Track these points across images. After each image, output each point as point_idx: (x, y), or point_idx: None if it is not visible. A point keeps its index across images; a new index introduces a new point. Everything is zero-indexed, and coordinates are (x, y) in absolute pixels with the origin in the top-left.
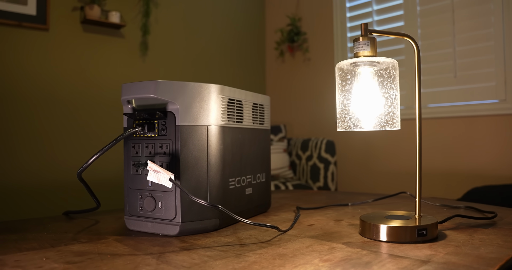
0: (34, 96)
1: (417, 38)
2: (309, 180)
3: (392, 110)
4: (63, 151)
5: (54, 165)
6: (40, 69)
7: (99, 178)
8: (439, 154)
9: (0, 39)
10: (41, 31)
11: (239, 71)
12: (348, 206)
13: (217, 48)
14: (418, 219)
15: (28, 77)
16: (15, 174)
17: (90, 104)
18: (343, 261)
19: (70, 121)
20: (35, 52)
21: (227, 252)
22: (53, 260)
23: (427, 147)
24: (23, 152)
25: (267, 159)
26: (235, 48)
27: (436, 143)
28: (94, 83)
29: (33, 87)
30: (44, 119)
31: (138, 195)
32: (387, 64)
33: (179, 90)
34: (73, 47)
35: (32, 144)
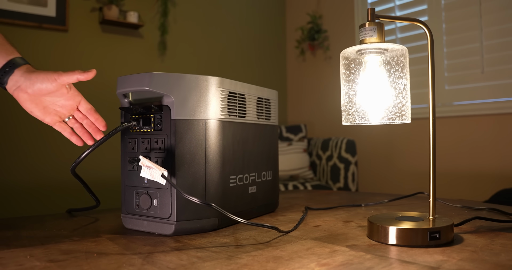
0: None
1: (442, 33)
2: (329, 180)
3: (401, 101)
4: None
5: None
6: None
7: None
8: (466, 154)
9: (21, 40)
10: (60, 32)
11: (260, 70)
12: (361, 206)
13: (237, 47)
14: (431, 221)
15: None
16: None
17: (109, 105)
18: (342, 266)
19: None
20: (54, 53)
21: (220, 253)
22: (37, 258)
23: (453, 147)
24: (39, 154)
25: (274, 156)
26: (256, 47)
27: (463, 142)
28: (113, 84)
29: None
30: None
31: (135, 192)
32: (396, 51)
33: (175, 83)
34: (92, 47)
35: (50, 145)
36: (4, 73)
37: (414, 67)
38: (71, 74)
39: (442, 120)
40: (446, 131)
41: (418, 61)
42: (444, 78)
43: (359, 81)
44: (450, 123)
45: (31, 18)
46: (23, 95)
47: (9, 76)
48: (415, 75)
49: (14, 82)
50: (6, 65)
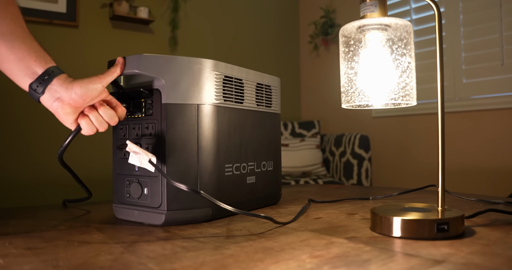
0: None
1: (459, 24)
2: (342, 177)
3: (405, 80)
4: (94, 148)
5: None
6: (70, 65)
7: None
8: (485, 149)
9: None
10: (71, 28)
11: (273, 66)
12: (368, 200)
13: (249, 42)
14: (439, 212)
15: None
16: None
17: None
18: (336, 258)
19: None
20: (65, 48)
21: (207, 243)
22: (15, 246)
23: (471, 142)
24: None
25: (276, 146)
26: (268, 43)
27: (481, 137)
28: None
29: None
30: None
31: (126, 181)
32: (399, 27)
33: (165, 65)
34: (103, 43)
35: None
36: (42, 82)
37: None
38: (111, 73)
39: (459, 115)
40: (463, 126)
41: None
42: (461, 71)
43: (359, 59)
44: (468, 117)
45: (41, 14)
46: (64, 107)
47: (47, 85)
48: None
49: (52, 93)
50: (44, 73)
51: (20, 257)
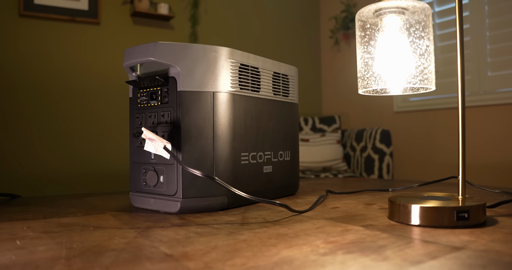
0: (86, 88)
1: (484, 15)
2: (363, 172)
3: (423, 64)
4: (118, 142)
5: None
6: (92, 62)
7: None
8: (509, 144)
9: (55, 33)
10: (93, 25)
11: (293, 61)
12: (388, 191)
13: (269, 38)
14: (460, 200)
15: (80, 69)
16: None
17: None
18: (351, 244)
19: (122, 112)
20: (87, 45)
21: (221, 230)
22: (32, 230)
23: (497, 137)
24: (77, 142)
25: (294, 136)
26: (289, 38)
27: (507, 132)
28: None
29: (84, 79)
30: (98, 110)
31: (142, 169)
32: (417, 10)
33: (181, 53)
34: (124, 39)
35: (86, 134)
36: None
37: (453, 43)
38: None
39: (484, 109)
40: (488, 120)
41: None
42: (486, 64)
43: (375, 43)
44: (493, 111)
45: (64, 11)
46: None
47: None
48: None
49: None
50: None
51: (36, 239)
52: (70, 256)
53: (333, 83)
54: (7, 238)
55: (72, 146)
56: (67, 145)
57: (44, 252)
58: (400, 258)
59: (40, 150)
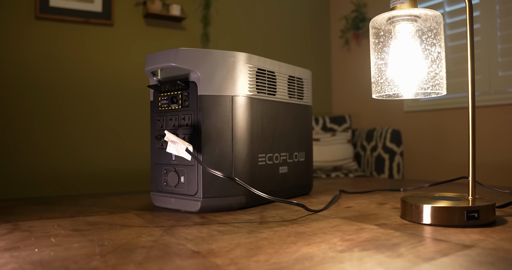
0: (101, 89)
1: (495, 15)
2: (373, 171)
3: (435, 70)
4: (131, 142)
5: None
6: (106, 62)
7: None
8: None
9: (70, 35)
10: (106, 27)
11: (304, 61)
12: (399, 191)
13: (280, 38)
14: (470, 200)
15: (94, 70)
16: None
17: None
18: (367, 242)
19: (135, 113)
20: (101, 46)
21: (242, 228)
22: (63, 228)
23: (507, 137)
24: (87, 141)
25: (308, 138)
26: (299, 38)
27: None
28: None
29: (98, 80)
30: (109, 110)
31: (163, 170)
32: (429, 18)
33: (201, 58)
34: (137, 40)
35: (97, 133)
36: None
37: (463, 44)
38: None
39: (495, 108)
40: (499, 119)
41: None
42: (497, 64)
43: (389, 50)
44: (504, 111)
45: (79, 13)
46: None
47: None
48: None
49: None
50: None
51: (69, 237)
52: (103, 252)
53: (343, 83)
54: (42, 236)
55: (85, 147)
56: (80, 145)
57: (79, 249)
58: (413, 255)
59: (52, 150)
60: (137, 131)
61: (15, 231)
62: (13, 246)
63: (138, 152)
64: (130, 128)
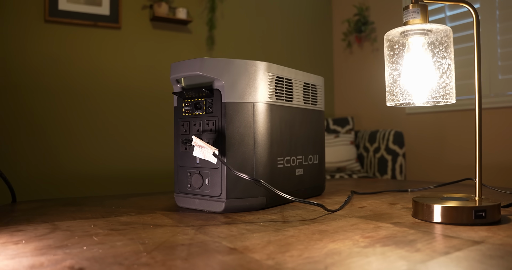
0: (107, 91)
1: (495, 20)
2: (376, 172)
3: (445, 80)
4: (133, 142)
5: (125, 154)
6: (114, 65)
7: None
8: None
9: (79, 38)
10: (114, 30)
11: (307, 64)
12: (407, 192)
13: (284, 40)
14: (477, 201)
15: (102, 73)
16: (82, 161)
17: (160, 98)
18: (386, 238)
19: (141, 114)
20: (108, 49)
21: (268, 227)
22: (100, 227)
23: (508, 139)
24: (95, 143)
25: (320, 141)
26: (303, 41)
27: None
28: (163, 78)
29: (106, 82)
30: (116, 112)
31: (187, 172)
32: (439, 32)
33: (225, 67)
34: (143, 43)
35: (104, 135)
36: None
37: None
38: None
39: (495, 111)
40: (499, 122)
41: (468, 39)
42: (497, 67)
43: (403, 61)
44: (504, 113)
45: (87, 17)
46: None
47: None
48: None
49: None
50: None
51: (110, 236)
52: (148, 250)
53: (346, 85)
54: (83, 235)
55: (91, 149)
56: (85, 147)
57: (123, 246)
58: (430, 250)
59: (56, 152)
60: (143, 133)
61: (56, 231)
62: (61, 244)
63: (144, 154)
64: (136, 130)
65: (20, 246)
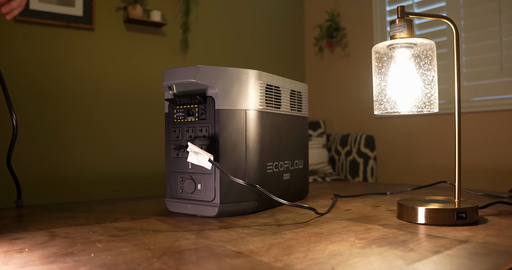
0: (81, 93)
1: (460, 29)
2: (348, 175)
3: (430, 91)
4: (109, 144)
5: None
6: (86, 67)
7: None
8: (484, 149)
9: (51, 39)
10: (87, 31)
11: (279, 68)
12: (386, 194)
13: (256, 45)
14: (457, 203)
15: (75, 75)
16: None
17: (133, 100)
18: (379, 239)
19: (114, 117)
20: (82, 51)
21: (264, 230)
22: (99, 234)
23: (471, 142)
24: (73, 145)
25: (305, 146)
26: (275, 45)
27: (481, 137)
28: (137, 80)
29: (79, 84)
30: (90, 115)
31: (179, 177)
32: (424, 46)
33: (218, 75)
34: (117, 45)
35: (82, 138)
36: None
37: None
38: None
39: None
40: (464, 126)
41: (437, 57)
42: (462, 75)
43: (390, 73)
44: (468, 118)
45: (59, 17)
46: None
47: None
48: None
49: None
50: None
51: (113, 242)
52: (157, 255)
53: (317, 89)
54: (86, 242)
55: (69, 150)
56: (65, 149)
57: (131, 253)
58: (423, 249)
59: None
60: (119, 134)
61: (56, 238)
62: (67, 251)
63: (120, 156)
64: (112, 131)
65: (25, 254)
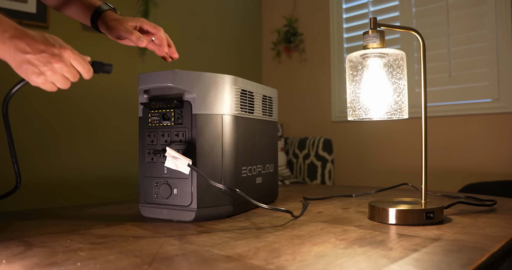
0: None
1: (412, 39)
2: (306, 178)
3: (401, 99)
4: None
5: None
6: None
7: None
8: (434, 152)
9: None
10: (41, 29)
11: (236, 71)
12: (352, 197)
13: (214, 48)
14: (423, 204)
15: None
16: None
17: (89, 103)
18: (359, 240)
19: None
20: None
21: (246, 234)
22: (78, 242)
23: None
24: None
25: (275, 150)
26: (232, 49)
27: (431, 141)
28: (93, 82)
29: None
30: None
31: (154, 182)
32: (395, 56)
33: (196, 80)
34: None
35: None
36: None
37: None
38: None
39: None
40: (415, 130)
41: None
42: (414, 81)
43: (363, 81)
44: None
45: (10, 13)
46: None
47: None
48: None
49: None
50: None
51: (95, 250)
52: (146, 262)
53: None
54: (66, 250)
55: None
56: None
57: (118, 260)
58: (402, 248)
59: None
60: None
61: (32, 248)
62: (50, 262)
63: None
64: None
65: (5, 266)
